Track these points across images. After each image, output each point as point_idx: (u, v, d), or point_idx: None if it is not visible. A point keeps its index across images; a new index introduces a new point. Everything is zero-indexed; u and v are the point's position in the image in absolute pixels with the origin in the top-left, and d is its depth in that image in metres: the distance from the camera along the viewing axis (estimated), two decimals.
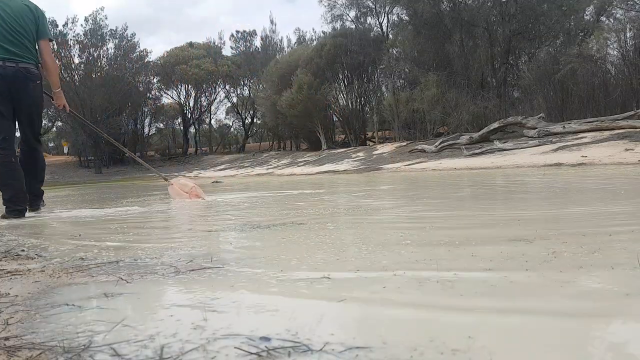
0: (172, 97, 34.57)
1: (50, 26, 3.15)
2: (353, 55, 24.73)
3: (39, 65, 3.36)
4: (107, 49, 29.39)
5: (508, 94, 19.63)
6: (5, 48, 3.13)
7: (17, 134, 3.52)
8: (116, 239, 2.03)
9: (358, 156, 18.27)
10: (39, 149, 3.55)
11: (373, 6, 25.38)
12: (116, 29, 29.51)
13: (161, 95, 34.39)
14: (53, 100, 3.59)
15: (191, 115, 35.00)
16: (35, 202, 3.58)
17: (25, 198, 3.36)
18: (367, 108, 26.90)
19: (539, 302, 0.94)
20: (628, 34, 15.80)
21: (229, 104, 36.62)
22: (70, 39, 27.94)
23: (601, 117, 12.72)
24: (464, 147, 14.03)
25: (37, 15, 3.29)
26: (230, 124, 40.62)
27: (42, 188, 3.68)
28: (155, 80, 33.16)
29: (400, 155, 15.88)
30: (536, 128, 13.19)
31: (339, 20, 26.45)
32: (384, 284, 1.10)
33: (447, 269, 1.20)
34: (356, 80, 26.28)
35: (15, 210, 3.23)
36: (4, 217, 3.21)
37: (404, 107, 20.70)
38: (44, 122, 4.04)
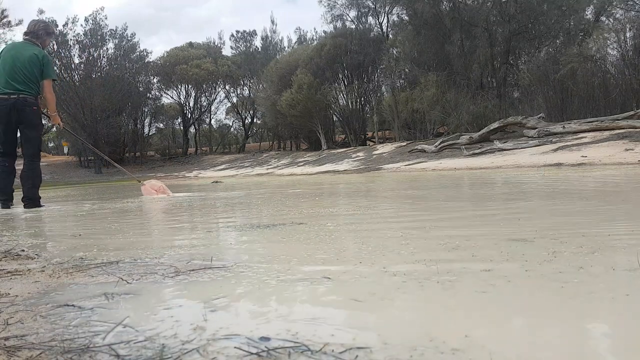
0: (172, 97, 34.57)
1: (55, 66, 4.66)
2: (353, 55, 24.72)
3: (38, 96, 4.34)
4: (107, 49, 29.37)
5: (508, 94, 19.63)
6: (13, 85, 4.19)
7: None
8: (116, 239, 2.03)
9: (358, 156, 18.27)
10: (36, 162, 4.40)
11: (373, 6, 25.39)
12: (116, 29, 29.50)
13: (161, 95, 34.38)
14: (50, 120, 4.61)
15: (191, 115, 34.98)
16: (32, 203, 4.28)
17: (9, 193, 4.33)
18: (367, 108, 26.89)
19: (539, 303, 0.94)
20: (628, 34, 15.80)
21: (229, 104, 36.62)
22: (70, 39, 27.91)
23: (601, 117, 12.72)
24: (464, 147, 14.04)
25: (42, 62, 4.29)
26: (230, 124, 40.63)
27: (40, 192, 4.42)
28: (155, 80, 33.12)
29: (400, 155, 15.89)
30: (536, 128, 13.19)
31: (339, 20, 26.45)
32: (384, 284, 1.10)
33: (447, 269, 1.20)
34: (356, 80, 26.26)
35: (0, 201, 4.27)
36: None
37: (404, 107, 20.70)
38: (44, 122, 4.79)
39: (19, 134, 4.37)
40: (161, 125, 35.98)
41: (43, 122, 4.68)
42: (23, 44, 4.37)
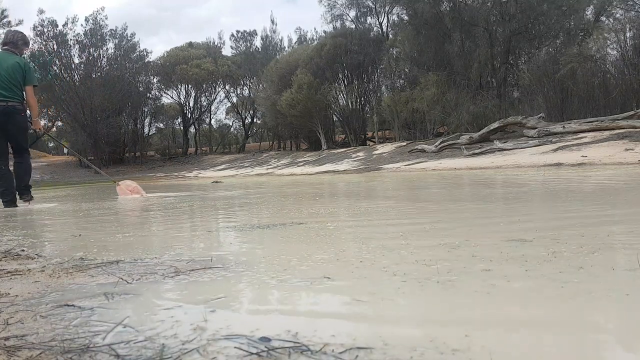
0: (172, 97, 34.53)
1: (36, 73, 4.89)
2: (353, 55, 24.71)
3: (23, 102, 4.60)
4: (107, 49, 29.35)
5: (508, 94, 19.62)
6: (1, 93, 4.40)
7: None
8: (116, 239, 2.03)
9: (358, 156, 18.27)
10: (26, 157, 4.73)
11: (373, 6, 25.41)
12: (116, 29, 29.48)
13: (161, 95, 34.34)
14: (32, 125, 4.80)
15: (191, 115, 34.96)
16: (25, 192, 4.64)
17: (13, 193, 4.58)
18: (367, 108, 26.88)
19: (539, 303, 0.94)
20: (628, 34, 15.80)
21: (229, 104, 36.59)
22: (70, 39, 27.90)
23: (601, 117, 12.72)
24: (464, 147, 14.03)
25: (24, 69, 4.56)
26: (230, 124, 40.59)
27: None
28: (155, 80, 33.10)
29: (400, 155, 15.88)
30: (536, 128, 13.18)
31: (339, 20, 26.48)
32: (384, 284, 1.10)
33: (447, 269, 1.20)
34: (356, 80, 26.25)
35: (6, 201, 4.48)
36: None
37: (403, 107, 20.68)
38: (43, 122, 5.05)
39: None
40: (161, 125, 35.95)
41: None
42: (4, 54, 4.61)
